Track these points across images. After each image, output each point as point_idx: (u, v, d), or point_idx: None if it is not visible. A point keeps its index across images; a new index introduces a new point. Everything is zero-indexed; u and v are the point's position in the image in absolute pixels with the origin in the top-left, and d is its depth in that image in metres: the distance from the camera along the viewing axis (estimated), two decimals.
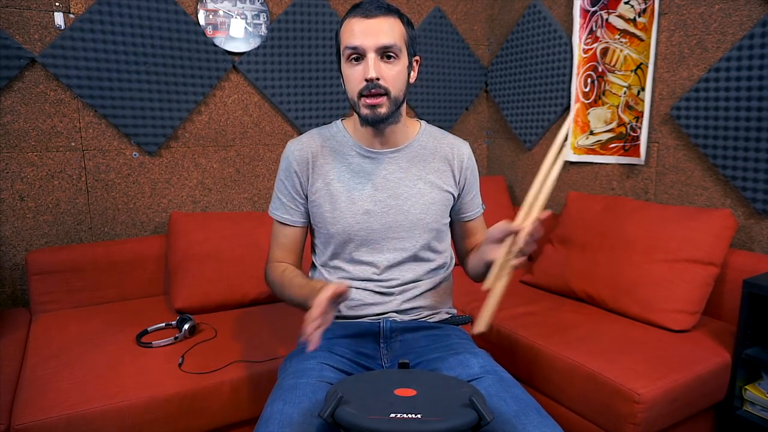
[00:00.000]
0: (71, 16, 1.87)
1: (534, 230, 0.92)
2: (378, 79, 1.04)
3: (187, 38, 2.04)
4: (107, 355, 1.48)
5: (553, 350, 1.55)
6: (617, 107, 2.13)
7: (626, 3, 2.04)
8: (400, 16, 1.09)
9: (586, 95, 2.24)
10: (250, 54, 2.17)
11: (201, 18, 2.07)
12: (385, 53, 1.05)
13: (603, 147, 2.21)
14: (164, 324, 1.70)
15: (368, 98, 1.06)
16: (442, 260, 1.23)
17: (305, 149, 1.17)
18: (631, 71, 2.06)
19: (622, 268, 1.78)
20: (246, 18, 2.14)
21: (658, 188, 2.04)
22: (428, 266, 1.20)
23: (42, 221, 1.92)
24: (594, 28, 2.18)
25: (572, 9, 2.26)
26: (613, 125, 2.16)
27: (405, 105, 1.16)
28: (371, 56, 1.04)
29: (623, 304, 1.75)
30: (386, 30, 1.04)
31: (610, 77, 2.14)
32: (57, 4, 1.85)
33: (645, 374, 1.38)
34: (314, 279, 1.23)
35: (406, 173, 1.17)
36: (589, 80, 2.23)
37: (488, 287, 0.95)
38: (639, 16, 2.01)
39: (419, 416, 0.77)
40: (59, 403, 1.24)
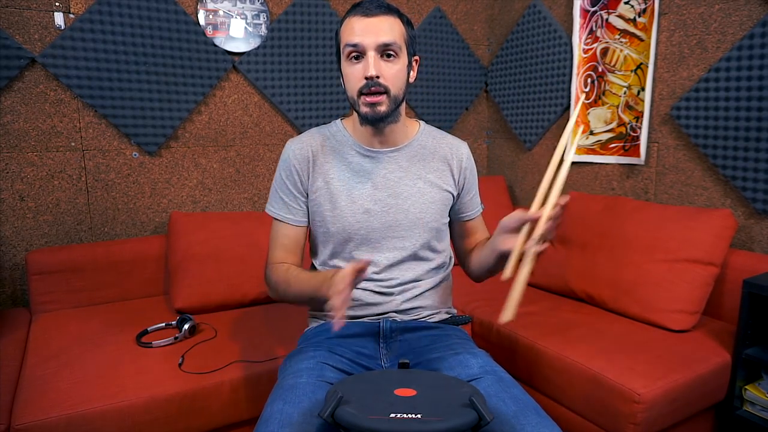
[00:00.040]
0: (71, 16, 1.87)
1: (556, 214, 0.91)
2: (378, 77, 1.05)
3: (187, 38, 2.04)
4: (107, 355, 1.48)
5: (553, 350, 1.55)
6: (617, 107, 2.13)
7: (626, 3, 2.04)
8: (400, 16, 1.09)
9: (586, 95, 2.24)
10: (250, 54, 2.17)
11: (201, 18, 2.07)
12: (385, 51, 1.06)
13: (603, 147, 2.21)
14: (164, 324, 1.70)
15: (368, 96, 1.06)
16: (442, 260, 1.23)
17: (305, 148, 1.17)
18: (631, 71, 2.06)
19: (622, 268, 1.78)
20: (246, 18, 2.14)
21: (658, 188, 2.04)
22: (428, 266, 1.20)
23: (42, 221, 1.92)
24: (594, 28, 2.18)
25: (572, 9, 2.26)
26: (613, 125, 2.16)
27: (404, 104, 1.16)
28: (371, 54, 1.04)
29: (623, 304, 1.75)
30: (386, 28, 1.05)
31: (610, 77, 2.14)
32: (57, 4, 1.85)
33: (645, 374, 1.38)
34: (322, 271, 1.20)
35: (406, 172, 1.17)
36: (589, 80, 2.23)
37: (508, 277, 0.93)
38: (639, 16, 2.01)
39: (419, 416, 0.77)
40: (59, 403, 1.24)
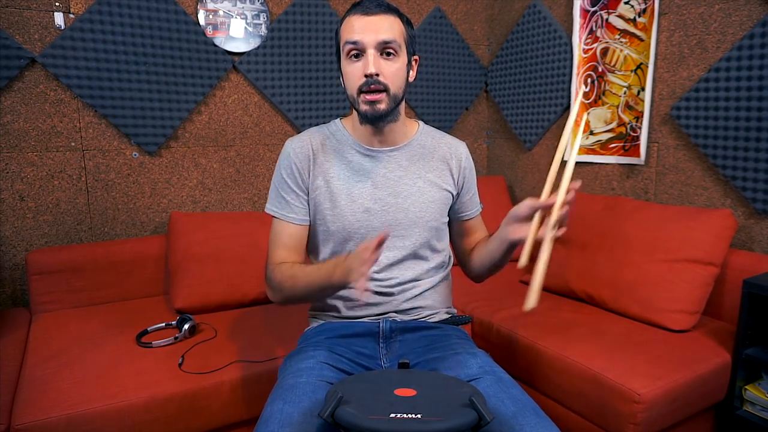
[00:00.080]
0: (71, 16, 1.87)
1: (569, 199, 0.92)
2: (377, 75, 1.05)
3: (187, 38, 2.04)
4: (107, 355, 1.48)
5: (553, 350, 1.55)
6: (617, 107, 2.13)
7: (626, 3, 2.04)
8: (400, 15, 1.10)
9: (586, 95, 2.24)
10: (250, 54, 2.17)
11: (201, 18, 2.07)
12: (385, 50, 1.06)
13: (603, 147, 2.21)
14: (164, 324, 1.70)
15: (368, 94, 1.06)
16: (441, 259, 1.23)
17: (306, 146, 1.17)
18: (631, 71, 2.06)
19: (622, 268, 1.78)
20: (246, 18, 2.14)
21: (658, 188, 2.04)
22: (428, 265, 1.20)
23: (42, 221, 1.92)
24: (594, 28, 2.18)
25: (572, 9, 2.26)
26: (613, 125, 2.16)
27: (404, 104, 1.17)
28: (371, 52, 1.05)
29: (623, 304, 1.75)
30: (386, 27, 1.05)
31: (610, 77, 2.14)
32: (57, 4, 1.85)
33: (645, 374, 1.38)
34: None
35: (406, 171, 1.18)
36: (589, 80, 2.23)
37: (524, 264, 0.93)
38: (639, 16, 2.01)
39: (419, 416, 0.77)
40: (59, 403, 1.24)
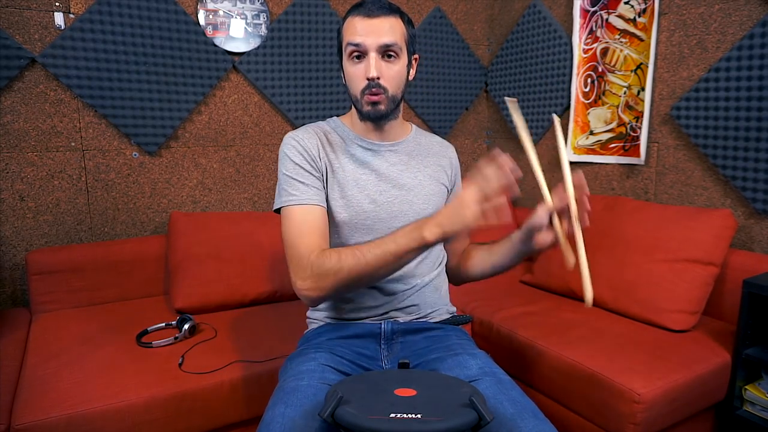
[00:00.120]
0: (71, 16, 1.87)
1: (581, 195, 0.98)
2: (378, 78, 1.07)
3: (187, 38, 2.04)
4: (107, 355, 1.48)
5: (553, 350, 1.55)
6: (617, 107, 2.13)
7: (626, 3, 2.04)
8: (401, 15, 1.11)
9: (586, 95, 2.24)
10: (250, 54, 2.17)
11: (201, 18, 2.07)
12: (386, 52, 1.08)
13: (603, 147, 2.21)
14: (164, 324, 1.70)
15: (370, 95, 1.09)
16: (437, 253, 1.24)
17: (312, 137, 1.15)
18: (631, 71, 2.06)
19: (622, 268, 1.78)
20: (246, 18, 2.14)
21: (658, 188, 2.04)
22: (428, 259, 1.21)
23: (42, 221, 1.92)
24: (594, 28, 2.18)
25: (572, 9, 2.26)
26: (613, 125, 2.16)
27: (402, 102, 1.18)
28: (372, 55, 1.07)
29: (623, 304, 1.75)
30: (387, 29, 1.07)
31: (610, 77, 2.14)
32: (57, 4, 1.85)
33: (645, 374, 1.38)
34: None
35: (407, 166, 1.20)
36: (589, 80, 2.23)
37: (573, 262, 0.98)
38: (639, 16, 2.01)
39: (419, 416, 0.77)
40: (59, 403, 1.24)
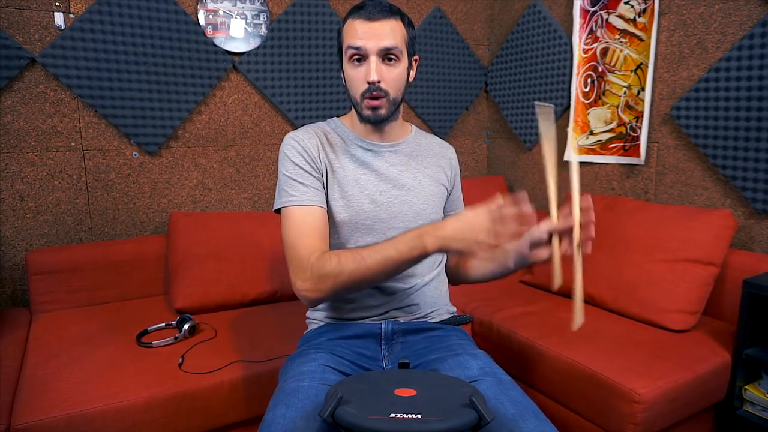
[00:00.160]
0: (71, 16, 1.87)
1: (587, 219, 0.97)
2: (379, 82, 1.07)
3: (187, 38, 2.04)
4: (107, 355, 1.48)
5: (553, 350, 1.55)
6: (617, 107, 2.13)
7: (626, 3, 2.04)
8: (402, 17, 1.10)
9: (586, 95, 2.24)
10: (250, 54, 2.17)
11: (201, 18, 2.07)
12: (387, 56, 1.08)
13: (603, 147, 2.21)
14: (164, 324, 1.70)
15: (370, 100, 1.09)
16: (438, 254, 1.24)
17: (312, 137, 1.16)
18: (631, 71, 2.06)
19: (622, 268, 1.78)
20: (246, 18, 2.14)
21: (658, 188, 2.04)
22: (428, 259, 1.20)
23: (42, 221, 1.92)
24: (594, 28, 2.18)
25: (572, 9, 2.26)
26: (613, 125, 2.16)
27: (403, 102, 1.18)
28: (373, 59, 1.06)
29: (623, 304, 1.75)
30: (388, 32, 1.06)
31: (610, 77, 2.14)
32: (57, 4, 1.85)
33: (645, 374, 1.38)
34: None
35: (407, 166, 1.20)
36: (589, 80, 2.23)
37: (559, 285, 0.95)
38: (639, 16, 2.01)
39: (419, 416, 0.77)
40: (59, 403, 1.24)
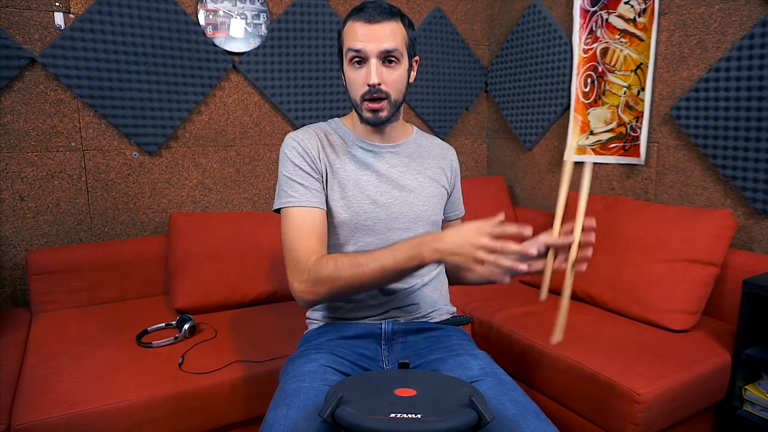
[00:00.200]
0: (71, 16, 1.86)
1: (588, 241, 0.98)
2: (380, 84, 1.07)
3: (187, 38, 2.04)
4: (107, 355, 1.48)
5: (553, 350, 1.54)
6: (617, 107, 2.13)
7: (626, 3, 2.04)
8: (402, 19, 1.10)
9: (586, 95, 2.24)
10: (250, 54, 2.17)
11: (201, 18, 2.07)
12: (387, 58, 1.07)
13: (603, 147, 2.21)
14: (164, 324, 1.70)
15: (370, 102, 1.09)
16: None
17: (312, 137, 1.16)
18: (631, 71, 2.06)
19: (622, 268, 1.78)
20: (246, 18, 2.14)
21: (658, 188, 2.04)
22: None
23: (42, 221, 1.92)
24: (594, 28, 2.18)
25: (572, 9, 2.26)
26: (613, 125, 2.16)
27: (403, 104, 1.18)
28: (373, 62, 1.06)
29: (623, 304, 1.75)
30: (388, 35, 1.06)
31: (610, 77, 2.14)
32: (57, 4, 1.85)
33: (645, 374, 1.38)
34: None
35: (407, 167, 1.20)
36: (589, 80, 2.23)
37: (544, 299, 0.98)
38: (639, 16, 2.01)
39: (419, 416, 0.77)
40: (59, 403, 1.24)
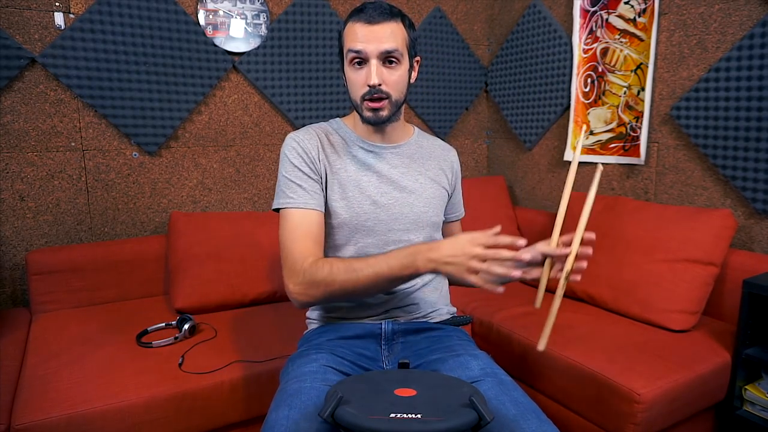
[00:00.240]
0: (71, 16, 1.86)
1: (585, 253, 0.98)
2: (380, 85, 1.07)
3: (187, 38, 2.04)
4: (107, 355, 1.48)
5: (554, 350, 1.54)
6: (617, 107, 2.13)
7: (626, 3, 2.04)
8: (402, 19, 1.10)
9: (586, 95, 2.24)
10: (250, 54, 2.17)
11: (201, 18, 2.07)
12: (387, 58, 1.07)
13: (603, 147, 2.21)
14: (164, 324, 1.70)
15: (371, 102, 1.09)
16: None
17: (313, 137, 1.16)
18: (631, 71, 2.06)
19: (622, 268, 1.78)
20: (246, 18, 2.14)
21: (658, 188, 2.04)
22: None
23: (42, 221, 1.92)
24: (594, 28, 2.18)
25: (572, 9, 2.26)
26: (613, 125, 2.16)
27: (404, 104, 1.18)
28: (374, 62, 1.06)
29: (623, 304, 1.75)
30: (389, 35, 1.06)
31: (610, 77, 2.14)
32: (57, 4, 1.85)
33: (645, 374, 1.38)
34: None
35: (408, 168, 1.20)
36: (589, 80, 2.23)
37: (539, 307, 0.98)
38: (639, 16, 2.01)
39: (419, 416, 0.77)
40: (59, 403, 1.24)
